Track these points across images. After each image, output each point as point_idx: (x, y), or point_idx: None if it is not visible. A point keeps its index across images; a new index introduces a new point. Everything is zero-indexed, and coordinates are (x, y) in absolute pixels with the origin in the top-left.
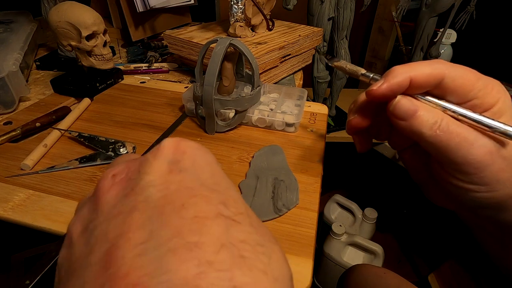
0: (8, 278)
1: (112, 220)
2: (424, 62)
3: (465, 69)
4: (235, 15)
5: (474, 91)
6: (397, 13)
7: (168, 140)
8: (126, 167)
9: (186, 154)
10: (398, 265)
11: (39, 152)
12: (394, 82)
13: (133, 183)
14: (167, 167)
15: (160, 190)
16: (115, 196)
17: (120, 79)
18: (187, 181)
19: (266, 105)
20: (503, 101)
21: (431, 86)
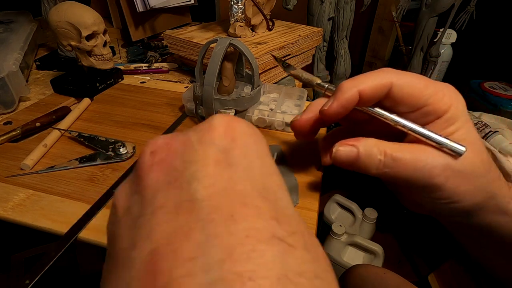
0: (8, 278)
1: (155, 214)
2: (372, 73)
3: (413, 77)
4: (235, 15)
5: (424, 98)
6: (397, 13)
7: (218, 118)
8: (166, 144)
9: (237, 141)
10: (398, 265)
11: (39, 152)
12: (344, 98)
13: (176, 171)
14: (215, 155)
15: (206, 187)
16: (156, 180)
17: (120, 79)
18: (237, 181)
19: (266, 105)
20: (456, 107)
21: (380, 96)
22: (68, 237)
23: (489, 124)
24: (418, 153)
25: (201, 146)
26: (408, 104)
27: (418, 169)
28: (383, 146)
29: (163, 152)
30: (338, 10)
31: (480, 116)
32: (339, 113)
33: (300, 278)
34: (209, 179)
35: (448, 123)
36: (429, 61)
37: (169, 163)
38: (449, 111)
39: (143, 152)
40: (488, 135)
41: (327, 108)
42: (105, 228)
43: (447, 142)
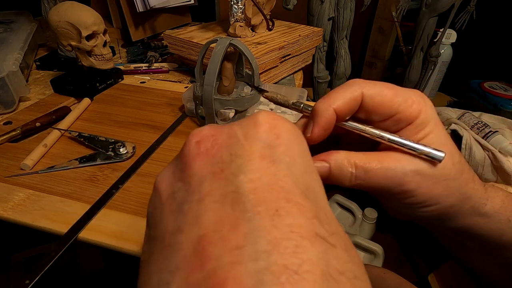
0: (8, 278)
1: (202, 202)
2: (342, 87)
3: (383, 86)
4: (235, 15)
5: (394, 106)
6: (397, 13)
7: (263, 114)
8: (211, 136)
9: (281, 139)
10: (398, 265)
11: (39, 152)
12: (322, 121)
13: (222, 163)
14: (260, 151)
15: (252, 181)
16: (202, 169)
17: (120, 79)
18: (281, 177)
19: (266, 105)
20: (425, 112)
21: (354, 109)
22: (68, 237)
23: (489, 124)
24: (388, 162)
25: (246, 140)
26: (380, 113)
27: (389, 177)
28: (353, 158)
29: (208, 142)
30: (338, 10)
31: (480, 116)
32: (322, 136)
33: (341, 277)
34: (255, 173)
35: (419, 128)
36: (429, 61)
37: (215, 154)
38: (419, 117)
39: (188, 141)
40: (488, 135)
41: (310, 135)
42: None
43: (427, 150)
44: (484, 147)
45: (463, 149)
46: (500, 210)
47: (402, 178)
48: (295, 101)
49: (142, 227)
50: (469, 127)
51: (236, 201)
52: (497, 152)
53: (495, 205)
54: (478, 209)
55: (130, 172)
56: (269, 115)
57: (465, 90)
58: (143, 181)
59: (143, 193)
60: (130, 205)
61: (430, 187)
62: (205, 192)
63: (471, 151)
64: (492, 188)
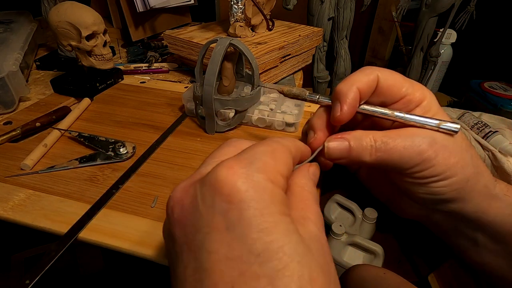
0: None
1: (184, 273)
2: (358, 72)
3: (391, 71)
4: (235, 15)
5: (404, 88)
6: (397, 13)
7: (221, 173)
8: (180, 200)
9: (234, 202)
10: (398, 265)
11: (39, 152)
12: (350, 100)
13: (189, 234)
14: (216, 219)
15: (210, 255)
16: (180, 237)
17: (120, 79)
18: (234, 247)
19: (266, 105)
20: (429, 97)
21: (372, 90)
22: (68, 237)
23: (489, 124)
24: (405, 134)
25: (204, 208)
26: (392, 95)
27: (408, 147)
28: (372, 134)
29: (178, 207)
30: (338, 10)
31: (480, 116)
32: (350, 114)
33: None
34: (213, 244)
35: (425, 110)
36: (429, 61)
37: (184, 223)
38: (425, 100)
39: (168, 200)
40: (488, 135)
41: (340, 114)
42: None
43: (444, 122)
44: (484, 147)
45: None
46: (508, 193)
47: (420, 147)
48: (311, 92)
49: (142, 227)
50: (469, 127)
51: (201, 279)
52: (497, 152)
53: (503, 188)
54: (490, 189)
55: (130, 172)
56: (229, 172)
57: (465, 90)
58: (143, 181)
59: (143, 193)
60: (130, 205)
61: (447, 156)
62: (183, 263)
63: None
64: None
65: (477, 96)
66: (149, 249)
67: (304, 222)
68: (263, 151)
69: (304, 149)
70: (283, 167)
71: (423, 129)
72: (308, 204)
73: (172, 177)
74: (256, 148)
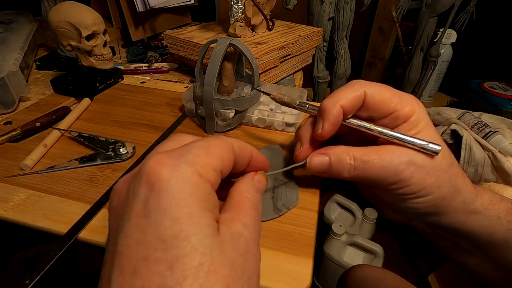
0: (8, 278)
1: (106, 256)
2: (346, 87)
3: (381, 86)
4: (235, 15)
5: (392, 104)
6: (397, 13)
7: (149, 163)
8: (119, 191)
9: (155, 190)
10: (398, 265)
11: (39, 152)
12: (332, 117)
13: (117, 221)
14: (137, 207)
15: (124, 240)
16: (112, 223)
17: (120, 79)
18: (147, 232)
19: (266, 105)
20: (418, 112)
21: (358, 107)
22: (68, 237)
23: (489, 124)
24: (384, 153)
25: (132, 197)
26: (380, 110)
27: (385, 167)
28: (352, 151)
29: (115, 199)
30: (338, 10)
31: (480, 116)
32: (332, 131)
33: None
34: (130, 230)
35: (412, 126)
36: (429, 61)
37: (115, 214)
38: (413, 116)
39: (111, 191)
40: (488, 135)
41: (321, 131)
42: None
43: (424, 143)
44: (484, 147)
45: (463, 149)
46: (489, 206)
47: (397, 168)
48: (300, 101)
49: None
50: (469, 127)
51: (110, 261)
52: (497, 152)
53: (484, 201)
54: (469, 204)
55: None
56: (156, 162)
57: (465, 90)
58: None
59: None
60: None
61: (423, 177)
62: (107, 248)
63: (471, 151)
64: (480, 187)
65: (477, 96)
66: None
67: (230, 224)
68: (198, 145)
69: (256, 155)
70: (216, 161)
71: (403, 148)
72: (243, 207)
73: None
74: (194, 142)
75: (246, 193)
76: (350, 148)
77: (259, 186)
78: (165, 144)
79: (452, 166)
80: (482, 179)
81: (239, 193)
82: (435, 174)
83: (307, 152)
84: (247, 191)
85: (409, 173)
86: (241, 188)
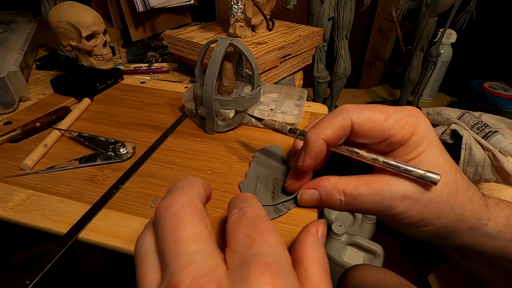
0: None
1: None
2: (332, 115)
3: (373, 111)
4: (235, 15)
5: (386, 130)
6: (397, 13)
7: (181, 276)
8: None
9: None
10: (398, 265)
11: (39, 152)
12: (313, 151)
13: None
14: None
15: None
16: None
17: (120, 79)
18: None
19: (266, 105)
20: (418, 132)
21: (344, 137)
22: (68, 237)
23: (489, 124)
24: (376, 187)
25: None
26: (372, 138)
27: (377, 202)
28: (342, 185)
29: None
30: (338, 10)
31: (480, 116)
32: (314, 164)
33: None
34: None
35: (411, 149)
36: (429, 61)
37: None
38: (412, 137)
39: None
40: (488, 135)
41: (302, 164)
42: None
43: (421, 172)
44: (484, 147)
45: (463, 149)
46: (504, 229)
47: (390, 203)
48: (292, 127)
49: (142, 227)
50: (469, 127)
51: None
52: (497, 152)
53: (498, 224)
54: (478, 229)
55: (130, 172)
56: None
57: (465, 90)
58: (143, 181)
59: (143, 193)
60: (130, 205)
61: (420, 210)
62: None
63: (471, 151)
64: (497, 206)
65: (477, 96)
66: None
67: None
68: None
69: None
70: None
71: (398, 179)
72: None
73: (172, 177)
74: None
75: (318, 263)
76: (341, 180)
77: (323, 241)
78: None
79: (456, 194)
80: (482, 179)
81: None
82: (434, 206)
83: (296, 185)
84: (316, 254)
85: (403, 207)
86: (313, 257)
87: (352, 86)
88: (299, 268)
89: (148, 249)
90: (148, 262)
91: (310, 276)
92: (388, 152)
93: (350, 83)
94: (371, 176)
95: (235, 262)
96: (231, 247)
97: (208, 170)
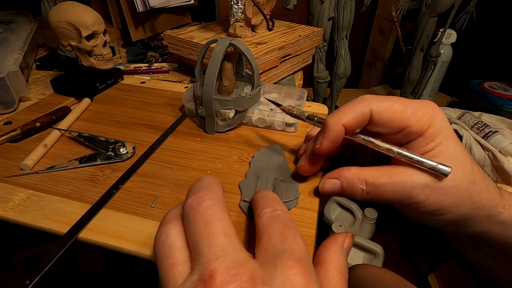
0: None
1: None
2: (352, 103)
3: (391, 101)
4: (235, 15)
5: (404, 120)
6: (397, 13)
7: (217, 268)
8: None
9: None
10: (398, 265)
11: (39, 152)
12: (331, 135)
13: None
14: None
15: None
16: None
17: (120, 79)
18: None
19: (266, 105)
20: (435, 125)
21: (363, 124)
22: (68, 237)
23: (489, 124)
24: (397, 176)
25: None
26: (390, 128)
27: (398, 191)
28: (364, 175)
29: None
30: (338, 10)
31: (480, 116)
32: (331, 148)
33: None
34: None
35: (429, 140)
36: (429, 61)
37: None
38: (429, 129)
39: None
40: (488, 135)
41: (319, 146)
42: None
43: (432, 164)
44: (484, 147)
45: None
46: None
47: (411, 191)
48: (310, 114)
49: (142, 227)
50: (469, 127)
51: None
52: (497, 152)
53: None
54: (494, 217)
55: (130, 172)
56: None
57: (465, 90)
58: (143, 181)
59: (143, 193)
60: (130, 205)
61: (440, 198)
62: None
63: (471, 151)
64: (511, 196)
65: (477, 96)
66: (149, 249)
67: None
68: None
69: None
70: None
71: (417, 170)
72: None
73: (172, 177)
74: None
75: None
76: (362, 171)
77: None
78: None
79: (473, 183)
80: None
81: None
82: (453, 194)
83: (307, 168)
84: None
85: (424, 196)
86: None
87: (352, 86)
88: (320, 269)
89: (175, 242)
90: (176, 253)
91: (329, 278)
92: (405, 144)
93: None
94: (391, 167)
95: (268, 254)
96: (264, 240)
97: (208, 170)
